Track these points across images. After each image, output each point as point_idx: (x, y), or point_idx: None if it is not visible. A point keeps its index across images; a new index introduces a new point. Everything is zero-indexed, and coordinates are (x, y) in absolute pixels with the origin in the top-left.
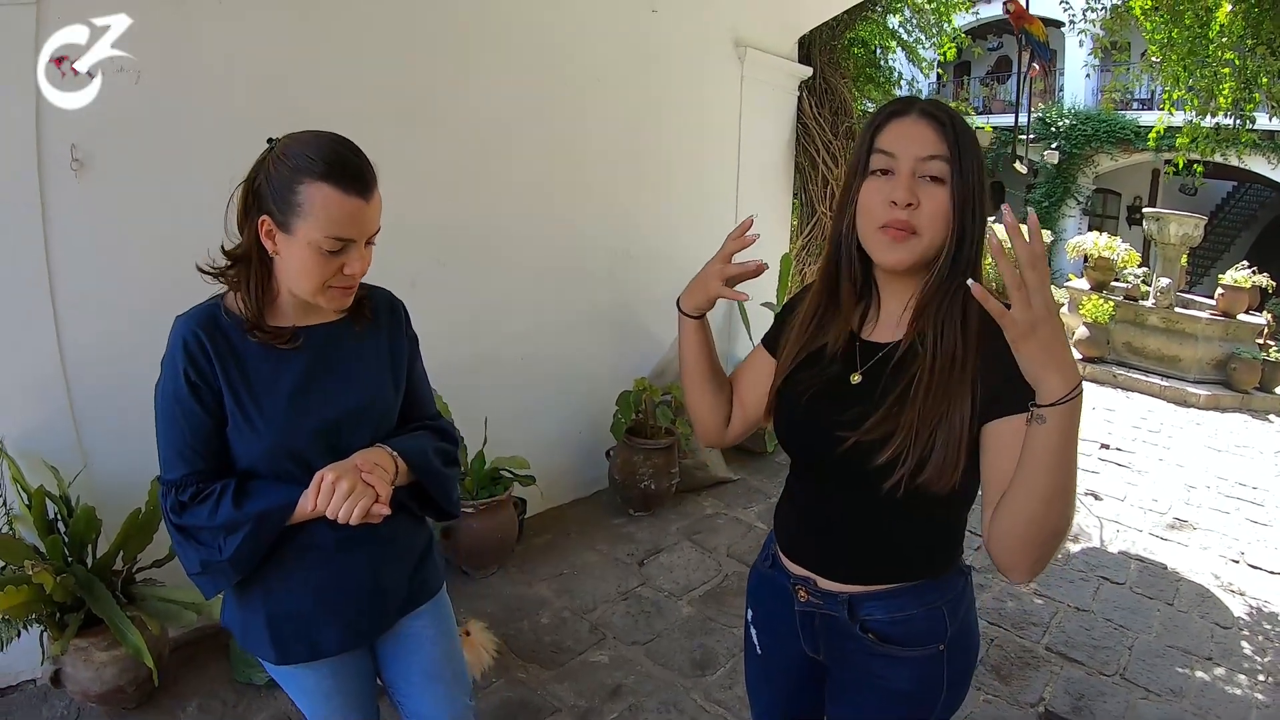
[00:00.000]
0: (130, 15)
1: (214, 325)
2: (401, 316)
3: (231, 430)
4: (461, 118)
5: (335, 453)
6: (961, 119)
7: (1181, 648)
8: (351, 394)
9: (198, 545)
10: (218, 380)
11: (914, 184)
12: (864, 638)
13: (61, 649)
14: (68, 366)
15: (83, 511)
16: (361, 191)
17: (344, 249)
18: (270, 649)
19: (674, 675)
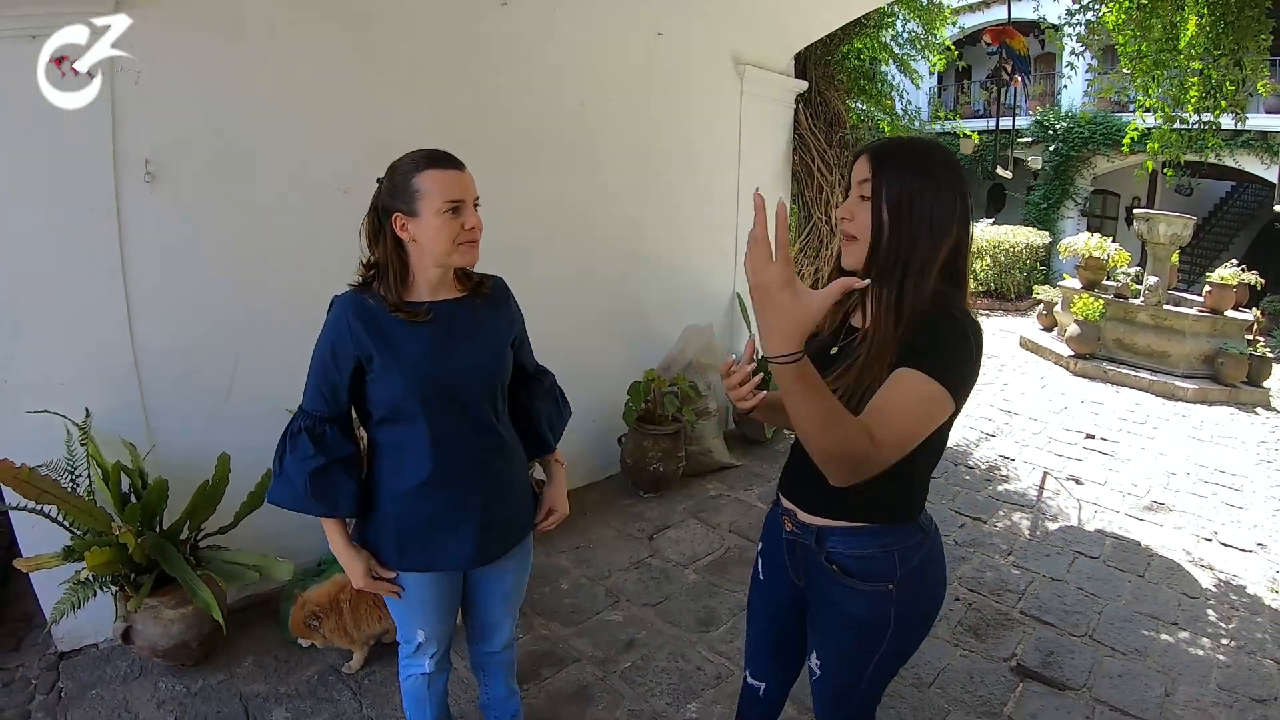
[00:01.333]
0: (194, 38)
1: (362, 305)
2: (510, 296)
3: (375, 379)
4: (492, 136)
5: (456, 399)
6: (896, 149)
7: (1149, 614)
8: (472, 354)
9: (279, 462)
10: (364, 346)
11: (854, 203)
12: (828, 568)
13: (136, 606)
14: (139, 358)
15: (156, 483)
16: (456, 165)
17: (459, 209)
18: (394, 553)
19: (681, 631)
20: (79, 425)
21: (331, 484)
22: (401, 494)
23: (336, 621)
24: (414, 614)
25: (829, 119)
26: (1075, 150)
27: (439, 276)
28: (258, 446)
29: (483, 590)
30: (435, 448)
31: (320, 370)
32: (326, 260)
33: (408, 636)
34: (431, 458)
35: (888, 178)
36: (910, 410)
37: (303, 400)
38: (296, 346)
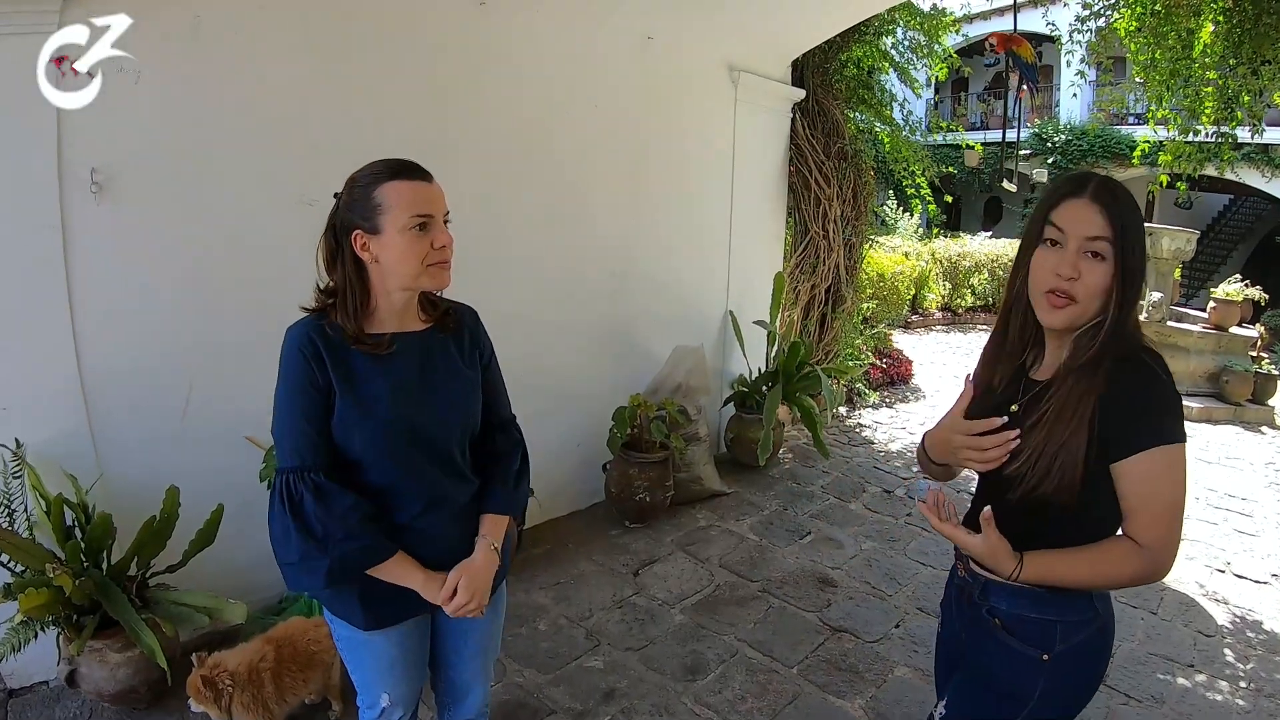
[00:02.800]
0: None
1: (322, 331)
2: (482, 328)
3: (339, 420)
4: (469, 146)
5: (428, 444)
6: (1129, 201)
7: (1163, 655)
8: (448, 398)
9: (306, 536)
10: (329, 374)
11: (1078, 259)
12: (988, 620)
13: (78, 649)
14: (86, 380)
15: (100, 518)
16: (423, 175)
17: (428, 225)
18: (361, 616)
19: (666, 680)
20: (14, 454)
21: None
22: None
23: (254, 695)
24: (380, 676)
25: (827, 129)
26: (1074, 163)
27: (404, 303)
28: (213, 475)
29: (452, 645)
30: (401, 490)
31: (297, 412)
32: (289, 277)
33: (370, 701)
34: (397, 508)
35: (1128, 236)
36: (1167, 491)
37: (285, 460)
38: (256, 368)
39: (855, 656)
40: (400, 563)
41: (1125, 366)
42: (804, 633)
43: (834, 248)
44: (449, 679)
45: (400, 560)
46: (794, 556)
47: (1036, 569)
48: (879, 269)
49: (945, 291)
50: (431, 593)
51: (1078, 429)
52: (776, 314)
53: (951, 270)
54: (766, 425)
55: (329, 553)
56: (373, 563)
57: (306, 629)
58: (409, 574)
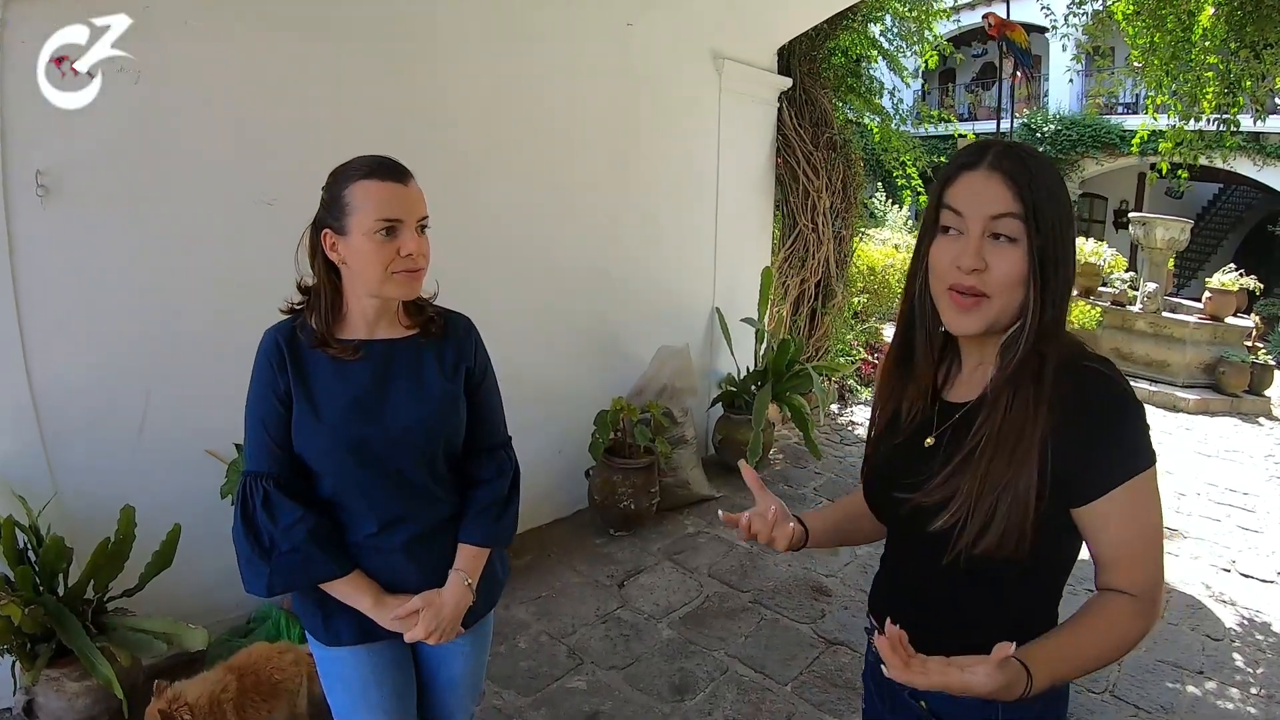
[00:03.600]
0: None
1: (292, 336)
2: (474, 340)
3: (295, 428)
4: (442, 139)
5: (377, 461)
6: (1043, 168)
7: (1172, 662)
8: (409, 407)
9: (253, 542)
10: (289, 381)
11: (983, 245)
12: (915, 705)
13: (33, 679)
14: (37, 395)
15: (52, 541)
16: (397, 178)
17: (395, 231)
18: (323, 631)
19: (652, 700)
20: None
21: (333, 535)
22: None
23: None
24: (352, 702)
25: (815, 118)
26: (1063, 153)
27: (376, 309)
28: (173, 491)
29: (433, 671)
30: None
31: (259, 418)
32: (248, 280)
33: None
34: (350, 525)
35: (1041, 209)
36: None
37: (248, 463)
38: (216, 377)
39: (851, 671)
40: (350, 582)
41: (1075, 381)
42: (797, 646)
43: (823, 241)
44: (428, 710)
45: (351, 580)
46: (786, 564)
47: (1046, 671)
48: (869, 262)
49: None
50: (382, 617)
51: (1022, 464)
52: (765, 310)
53: None
54: (756, 426)
55: (271, 562)
56: (316, 578)
57: (270, 656)
58: (358, 596)
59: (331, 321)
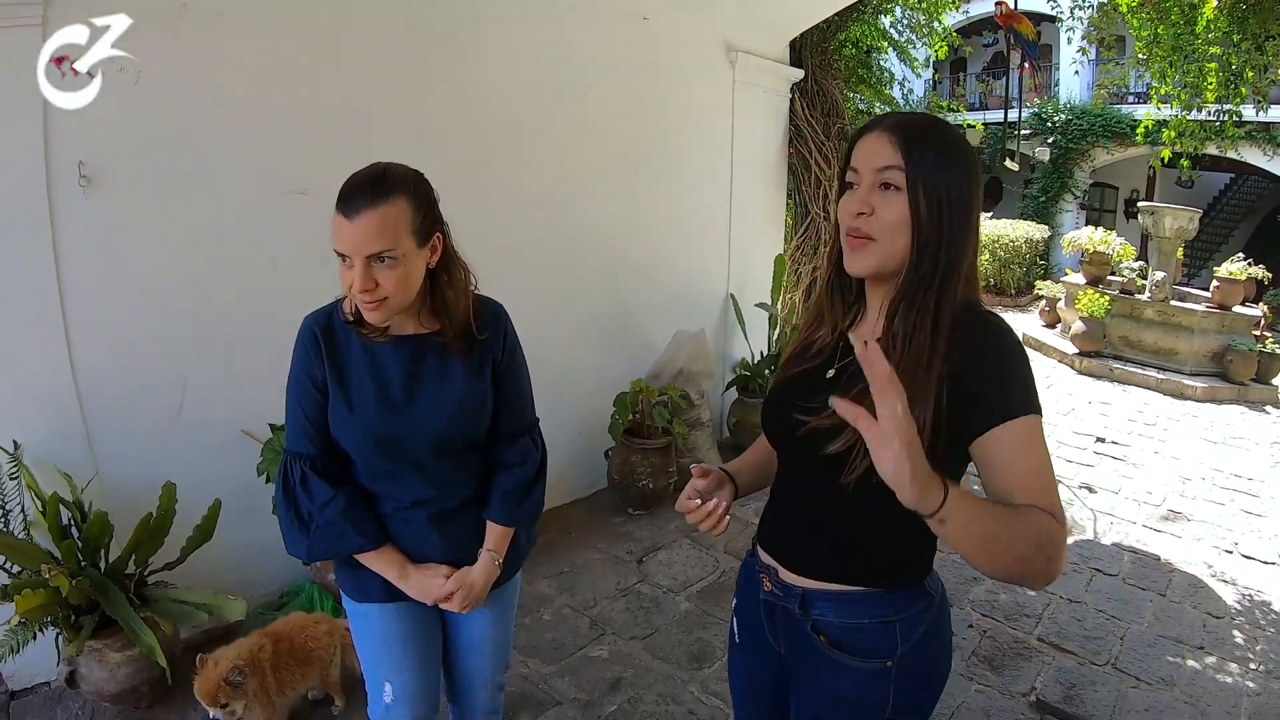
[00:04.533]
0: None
1: (329, 322)
2: (502, 326)
3: (331, 415)
4: (462, 129)
5: (401, 450)
6: (928, 129)
7: (1173, 637)
8: (434, 408)
9: (293, 515)
10: (325, 369)
11: (871, 193)
12: (814, 638)
13: (77, 650)
14: (79, 377)
15: (96, 517)
16: (346, 210)
17: (348, 261)
18: (351, 585)
19: (672, 668)
20: (10, 455)
21: (365, 512)
22: None
23: (260, 684)
24: (379, 659)
25: (826, 109)
26: (1074, 143)
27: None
28: (210, 471)
29: (456, 633)
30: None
31: (298, 402)
32: (284, 267)
33: (375, 695)
34: (381, 502)
35: (924, 163)
36: (1047, 457)
37: (288, 443)
38: (251, 360)
39: None
40: (380, 555)
41: (976, 329)
42: None
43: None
44: (454, 669)
45: (381, 553)
46: None
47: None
48: None
49: None
50: (409, 588)
51: (916, 399)
52: (778, 297)
53: None
54: None
55: (309, 534)
56: (348, 551)
57: (305, 624)
58: (386, 568)
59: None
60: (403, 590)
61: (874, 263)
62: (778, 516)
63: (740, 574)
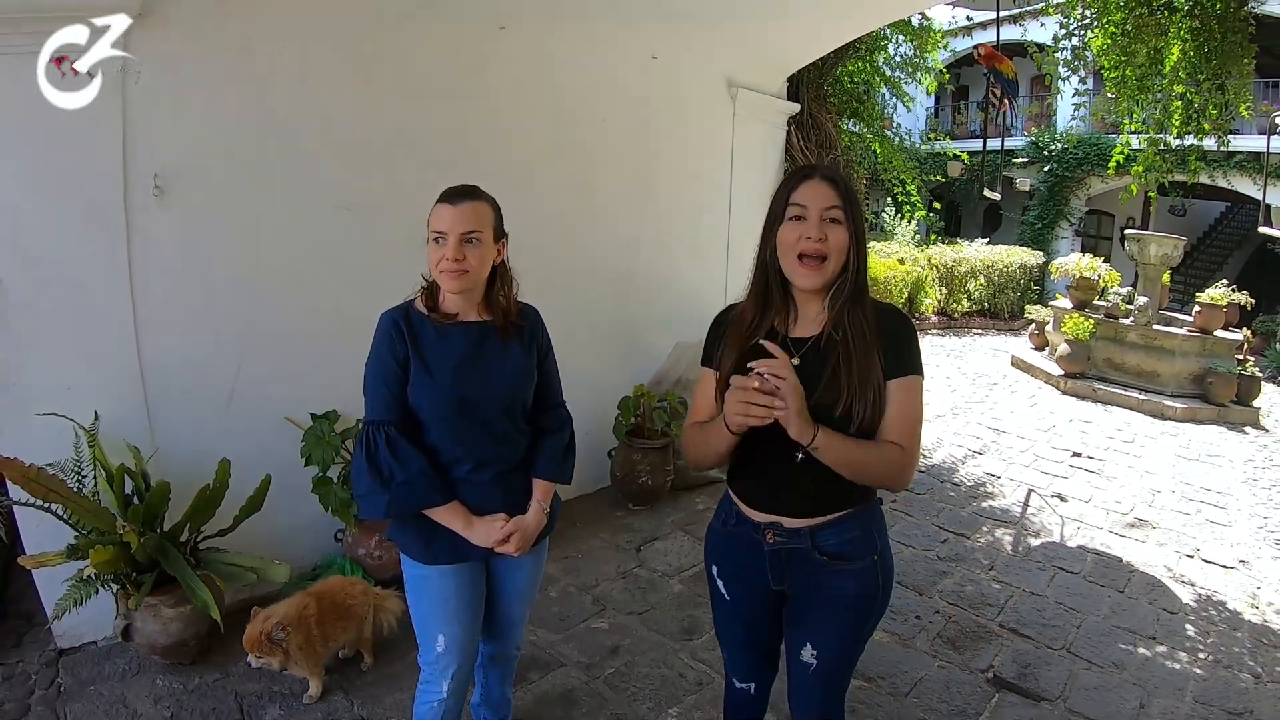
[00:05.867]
0: (213, 62)
1: (407, 314)
2: (541, 327)
3: (412, 385)
4: (491, 158)
5: (477, 415)
6: (848, 181)
7: (1127, 628)
8: (495, 376)
9: (374, 475)
10: (407, 347)
11: (821, 225)
12: (821, 560)
13: (137, 604)
14: (144, 364)
15: (158, 485)
16: (449, 200)
17: (441, 240)
18: (422, 550)
19: (665, 639)
20: (86, 428)
21: (436, 473)
22: None
23: (305, 637)
24: (435, 614)
25: (820, 140)
26: (1069, 171)
27: (459, 298)
28: (257, 452)
29: (503, 582)
30: (456, 448)
31: (380, 378)
32: (328, 275)
33: (427, 645)
34: (456, 456)
35: (851, 204)
36: (919, 409)
37: (369, 414)
38: (296, 356)
39: None
40: (450, 509)
41: (885, 311)
42: None
43: None
44: (498, 614)
45: (450, 507)
46: None
47: (830, 441)
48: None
49: (941, 296)
50: (473, 535)
51: (873, 365)
52: None
53: (948, 275)
54: None
55: (389, 490)
56: (423, 504)
57: (344, 585)
58: (454, 520)
59: (436, 301)
60: (467, 537)
61: (824, 279)
62: (775, 485)
63: (717, 543)
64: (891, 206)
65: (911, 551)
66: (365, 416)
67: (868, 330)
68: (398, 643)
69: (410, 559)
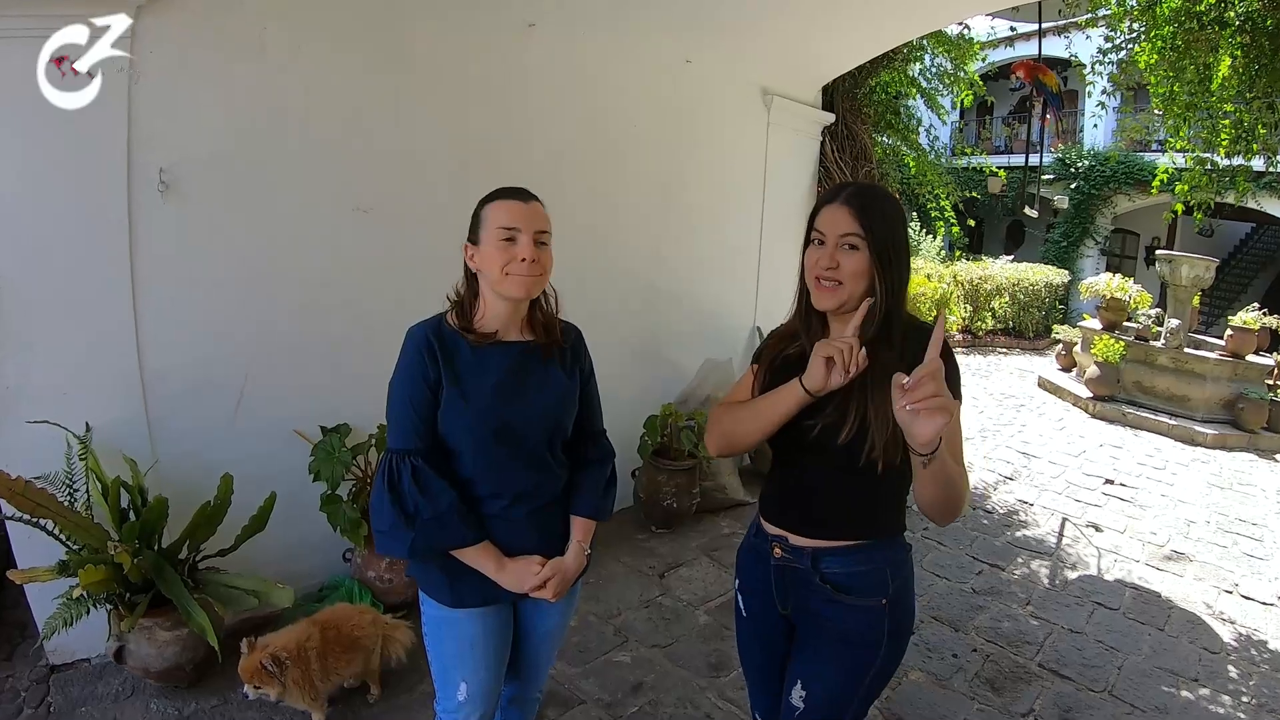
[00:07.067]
0: (213, 50)
1: (439, 331)
2: (583, 347)
3: (444, 409)
4: (515, 163)
5: (518, 443)
6: (879, 203)
7: (1169, 669)
8: (537, 400)
9: (398, 510)
10: (440, 368)
11: (836, 251)
12: (822, 588)
13: (130, 626)
14: (145, 370)
15: (156, 502)
16: (519, 196)
17: (514, 238)
18: (447, 593)
19: (691, 675)
20: (79, 438)
21: (467, 509)
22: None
23: (303, 672)
24: (459, 661)
25: (855, 152)
26: (1097, 189)
27: (507, 312)
28: (262, 466)
29: (532, 625)
30: (492, 480)
31: (408, 402)
32: (343, 280)
33: (447, 692)
34: (488, 489)
35: (875, 226)
36: (961, 432)
37: (393, 441)
38: (308, 367)
39: None
40: (481, 550)
41: (917, 334)
42: None
43: None
44: (524, 657)
45: (481, 548)
46: None
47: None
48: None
49: (966, 314)
50: (503, 579)
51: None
52: None
53: (973, 293)
54: None
55: (414, 527)
56: (452, 545)
57: (350, 614)
58: (485, 562)
59: (470, 319)
60: (499, 582)
61: (837, 301)
62: (786, 497)
63: (740, 557)
64: (917, 221)
65: (946, 584)
66: (389, 443)
67: (890, 360)
68: (406, 674)
69: (432, 599)
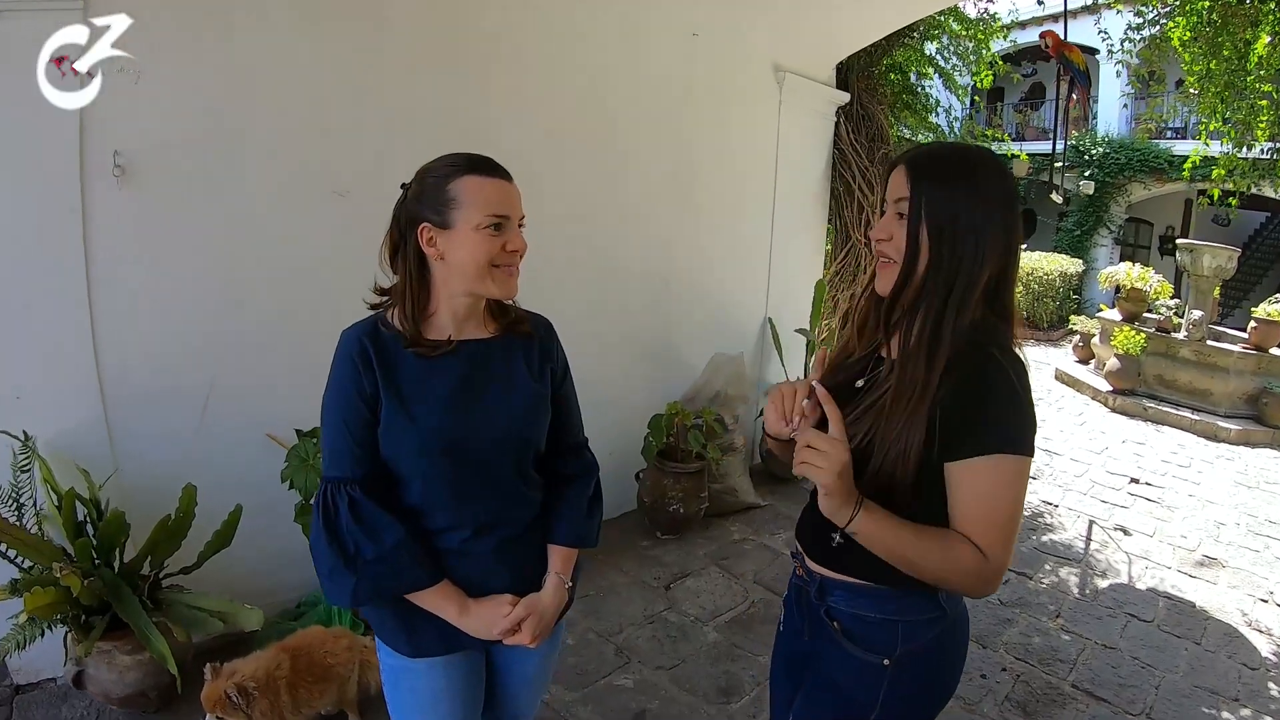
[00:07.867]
0: (182, 29)
1: (376, 334)
2: (555, 343)
3: (385, 428)
4: (509, 143)
5: (478, 465)
6: (938, 159)
7: (1208, 688)
8: (499, 411)
9: (338, 551)
10: (377, 380)
11: (890, 221)
12: (827, 624)
13: (86, 651)
14: (103, 372)
15: (113, 516)
16: (504, 175)
17: (503, 226)
18: (404, 641)
19: (698, 701)
20: (25, 445)
21: (419, 545)
22: None
23: (271, 703)
24: (421, 716)
25: (871, 134)
26: (1111, 177)
27: (466, 308)
28: (233, 473)
29: (509, 672)
30: (449, 510)
31: (343, 422)
32: (321, 270)
33: None
34: (445, 520)
35: (928, 193)
36: (1010, 501)
37: (327, 469)
38: (281, 364)
39: None
40: (439, 592)
41: (978, 362)
42: None
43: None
44: (499, 708)
45: (439, 591)
46: None
47: (873, 520)
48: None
49: None
50: (467, 625)
51: (912, 420)
52: (817, 322)
53: None
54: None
55: (357, 571)
56: (404, 588)
57: (324, 640)
58: (444, 606)
59: (418, 320)
60: (462, 628)
61: (890, 283)
62: (807, 509)
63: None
64: None
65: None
66: (323, 471)
67: (925, 374)
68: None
69: (387, 647)
